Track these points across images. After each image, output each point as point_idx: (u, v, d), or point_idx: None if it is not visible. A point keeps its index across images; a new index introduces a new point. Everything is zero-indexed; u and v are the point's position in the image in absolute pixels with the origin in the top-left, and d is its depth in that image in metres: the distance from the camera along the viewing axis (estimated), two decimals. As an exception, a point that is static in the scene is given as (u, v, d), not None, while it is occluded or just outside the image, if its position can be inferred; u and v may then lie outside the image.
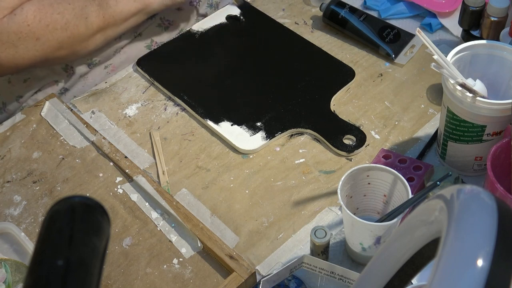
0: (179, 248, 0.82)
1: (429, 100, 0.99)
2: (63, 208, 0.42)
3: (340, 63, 1.05)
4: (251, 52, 1.08)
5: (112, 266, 0.81)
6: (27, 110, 1.00)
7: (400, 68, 1.05)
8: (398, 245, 0.48)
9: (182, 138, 0.96)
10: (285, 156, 0.93)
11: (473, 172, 0.88)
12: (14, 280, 0.77)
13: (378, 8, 1.14)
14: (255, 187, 0.89)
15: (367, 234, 0.74)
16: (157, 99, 1.02)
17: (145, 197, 0.88)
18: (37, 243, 0.41)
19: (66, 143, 0.95)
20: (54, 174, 0.91)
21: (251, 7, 1.16)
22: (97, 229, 0.43)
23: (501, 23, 0.97)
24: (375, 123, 0.96)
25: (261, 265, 0.80)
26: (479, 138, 0.82)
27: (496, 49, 0.84)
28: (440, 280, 0.34)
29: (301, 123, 0.96)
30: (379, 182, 0.77)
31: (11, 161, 0.93)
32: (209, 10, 1.16)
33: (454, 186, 0.40)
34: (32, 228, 0.85)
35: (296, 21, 1.14)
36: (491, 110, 0.78)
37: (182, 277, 0.79)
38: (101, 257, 0.42)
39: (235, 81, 1.03)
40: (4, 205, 0.88)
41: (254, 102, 1.00)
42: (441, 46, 1.06)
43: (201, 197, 0.88)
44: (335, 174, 0.90)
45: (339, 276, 0.74)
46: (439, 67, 0.79)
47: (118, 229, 0.84)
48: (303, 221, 0.85)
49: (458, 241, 0.35)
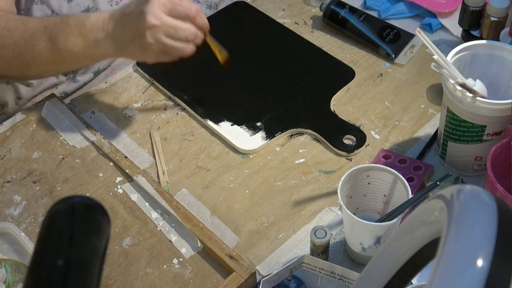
0: (179, 248, 0.82)
1: (429, 100, 0.99)
2: (63, 208, 0.42)
3: (340, 63, 1.05)
4: (251, 52, 1.08)
5: (112, 266, 0.81)
6: (27, 110, 1.00)
7: (400, 68, 1.05)
8: (398, 245, 0.48)
9: (182, 138, 0.96)
10: (285, 156, 0.93)
11: (473, 172, 0.88)
12: (14, 280, 0.77)
13: (378, 8, 1.14)
14: (255, 187, 0.89)
15: (367, 234, 0.74)
16: (157, 99, 1.02)
17: (145, 197, 0.88)
18: (37, 243, 0.41)
19: (66, 143, 0.95)
20: (54, 174, 0.91)
21: (251, 7, 1.16)
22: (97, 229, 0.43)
23: (501, 23, 0.97)
24: (375, 123, 0.96)
25: (261, 265, 0.80)
26: (479, 138, 0.82)
27: (496, 49, 0.84)
28: (440, 280, 0.34)
29: (301, 123, 0.96)
30: (379, 182, 0.77)
31: (11, 161, 0.93)
32: (208, 11, 1.16)
33: (454, 186, 0.40)
34: (32, 228, 0.85)
35: (296, 21, 1.14)
36: (491, 110, 0.78)
37: (182, 277, 0.79)
38: (101, 257, 0.42)
39: (235, 81, 1.03)
40: (4, 205, 0.88)
41: (254, 102, 1.00)
42: (441, 46, 1.06)
43: (201, 197, 0.88)
44: (335, 174, 0.90)
45: (339, 276, 0.74)
46: (439, 67, 0.79)
47: (118, 229, 0.84)
48: (303, 221, 0.85)
49: (458, 241, 0.35)
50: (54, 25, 0.90)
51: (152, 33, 0.83)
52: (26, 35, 0.90)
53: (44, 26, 0.90)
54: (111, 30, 0.87)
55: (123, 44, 0.87)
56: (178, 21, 0.84)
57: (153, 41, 0.83)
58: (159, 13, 0.82)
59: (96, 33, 0.87)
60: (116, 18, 0.87)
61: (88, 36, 0.88)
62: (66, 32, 0.88)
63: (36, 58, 0.92)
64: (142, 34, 0.83)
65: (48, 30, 0.89)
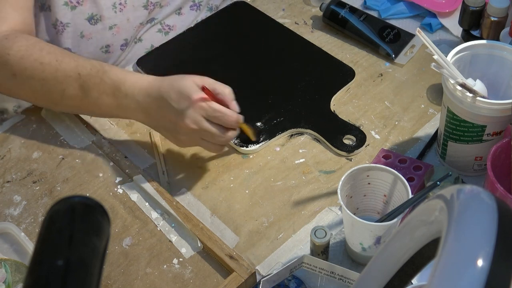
0: (179, 248, 0.82)
1: (429, 100, 0.99)
2: (63, 208, 0.42)
3: (340, 63, 1.05)
4: (251, 52, 1.08)
5: (112, 266, 0.81)
6: (27, 110, 1.00)
7: (400, 68, 1.05)
8: (398, 245, 0.48)
9: (182, 138, 0.96)
10: (285, 156, 0.93)
11: (473, 172, 0.88)
12: (14, 280, 0.77)
13: (378, 8, 1.14)
14: (255, 187, 0.89)
15: (367, 234, 0.74)
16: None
17: (145, 197, 0.88)
18: (37, 243, 0.41)
19: (66, 143, 0.95)
20: (54, 174, 0.91)
21: (251, 7, 1.16)
22: (97, 229, 0.43)
23: (501, 23, 0.97)
24: (375, 123, 0.96)
25: (261, 265, 0.80)
26: (479, 138, 0.82)
27: (496, 49, 0.84)
28: (440, 280, 0.34)
29: (301, 123, 0.96)
30: (379, 182, 0.77)
31: (11, 161, 0.93)
32: (209, 14, 1.16)
33: (454, 186, 0.40)
34: (32, 228, 0.85)
35: (296, 21, 1.14)
36: (491, 110, 0.78)
37: (182, 277, 0.79)
38: (101, 257, 0.42)
39: (235, 81, 1.03)
40: (4, 205, 0.88)
41: (254, 102, 1.00)
42: (441, 46, 1.06)
43: (201, 197, 0.88)
44: (335, 174, 0.90)
45: (339, 276, 0.74)
46: (439, 67, 0.79)
47: (118, 229, 0.84)
48: (303, 221, 0.85)
49: (458, 241, 0.35)
50: (89, 76, 0.86)
51: (188, 134, 0.83)
52: (58, 76, 0.87)
53: (78, 73, 0.86)
54: (146, 105, 0.84)
55: (156, 125, 0.86)
56: (215, 128, 0.82)
57: (187, 140, 0.84)
58: (199, 118, 0.81)
59: (130, 101, 0.85)
60: (153, 95, 0.83)
61: (122, 101, 0.85)
62: (100, 89, 0.86)
63: (64, 100, 0.89)
64: (178, 131, 0.83)
65: (82, 79, 0.86)
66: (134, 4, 1.04)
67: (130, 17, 1.04)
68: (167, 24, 1.11)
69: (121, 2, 1.03)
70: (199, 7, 1.14)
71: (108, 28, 1.03)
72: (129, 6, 1.03)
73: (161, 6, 1.09)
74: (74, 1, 0.99)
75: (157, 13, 1.09)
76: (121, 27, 1.04)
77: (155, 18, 1.10)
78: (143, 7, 1.05)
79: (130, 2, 1.03)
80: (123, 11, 1.03)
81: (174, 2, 1.10)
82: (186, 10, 1.13)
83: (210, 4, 1.16)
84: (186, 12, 1.13)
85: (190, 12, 1.13)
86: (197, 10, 1.14)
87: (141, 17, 1.06)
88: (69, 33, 1.01)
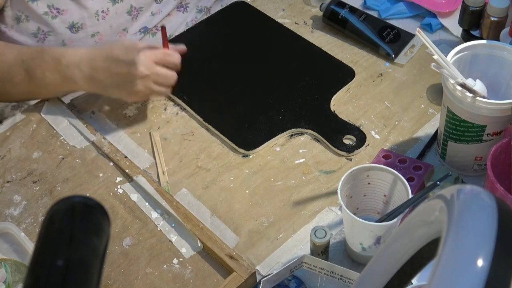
0: (179, 248, 0.82)
1: (429, 100, 0.99)
2: (63, 208, 0.42)
3: (340, 63, 1.05)
4: (251, 52, 1.08)
5: (112, 266, 0.81)
6: (27, 110, 1.00)
7: (400, 68, 1.05)
8: (398, 245, 0.48)
9: (182, 138, 0.96)
10: (285, 156, 0.93)
11: (473, 172, 0.88)
12: (14, 280, 0.77)
13: (378, 8, 1.14)
14: (255, 187, 0.89)
15: (367, 234, 0.74)
16: (157, 99, 1.02)
17: (145, 197, 0.88)
18: (37, 243, 0.41)
19: (66, 143, 0.95)
20: (54, 174, 0.91)
21: (251, 7, 1.16)
22: (97, 229, 0.43)
23: (501, 23, 0.97)
24: (375, 123, 0.96)
25: (261, 265, 0.80)
26: (479, 138, 0.82)
27: (496, 49, 0.84)
28: (440, 280, 0.34)
29: (301, 123, 0.96)
30: (379, 182, 0.77)
31: (11, 161, 0.93)
32: (198, 15, 1.16)
33: (454, 186, 0.40)
34: (32, 228, 0.85)
35: (296, 21, 1.14)
36: (491, 110, 0.78)
37: (182, 277, 0.79)
38: (101, 257, 0.42)
39: (235, 81, 1.03)
40: (4, 205, 0.88)
41: (254, 102, 1.00)
42: (441, 46, 1.06)
43: (201, 197, 0.88)
44: (335, 174, 0.90)
45: (339, 276, 0.74)
46: (439, 67, 0.79)
47: (118, 229, 0.84)
48: (303, 221, 0.85)
49: (458, 241, 0.35)
50: (31, 59, 0.92)
51: (142, 81, 0.87)
52: (3, 67, 0.92)
53: (20, 59, 0.92)
54: (90, 71, 0.89)
55: (105, 87, 0.90)
56: (166, 70, 0.89)
57: (142, 88, 0.88)
58: (151, 63, 0.87)
59: (73, 72, 0.90)
60: (96, 60, 0.89)
61: (65, 73, 0.91)
62: (43, 67, 0.91)
63: (14, 87, 0.94)
64: (131, 81, 0.87)
65: (25, 64, 0.92)
66: (117, 11, 1.04)
67: (113, 24, 1.05)
68: (154, 25, 1.11)
69: (104, 10, 1.02)
70: (186, 8, 1.13)
71: (90, 36, 1.04)
72: (111, 13, 1.03)
73: (149, 12, 1.08)
74: (55, 11, 0.99)
75: (147, 21, 1.09)
76: (104, 34, 1.05)
77: (147, 27, 1.09)
78: (127, 13, 1.05)
79: (113, 10, 1.03)
80: (105, 18, 1.03)
81: (165, 9, 1.10)
82: (173, 11, 1.12)
83: (199, 6, 1.16)
84: (174, 13, 1.12)
85: (177, 14, 1.13)
86: (184, 11, 1.14)
87: (124, 23, 1.06)
88: (51, 41, 1.02)
